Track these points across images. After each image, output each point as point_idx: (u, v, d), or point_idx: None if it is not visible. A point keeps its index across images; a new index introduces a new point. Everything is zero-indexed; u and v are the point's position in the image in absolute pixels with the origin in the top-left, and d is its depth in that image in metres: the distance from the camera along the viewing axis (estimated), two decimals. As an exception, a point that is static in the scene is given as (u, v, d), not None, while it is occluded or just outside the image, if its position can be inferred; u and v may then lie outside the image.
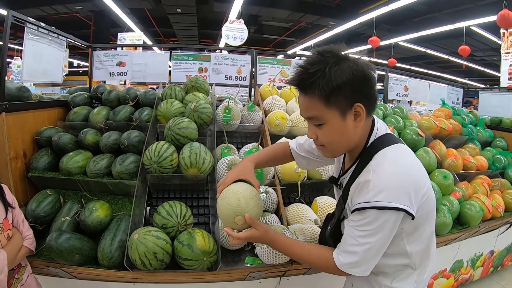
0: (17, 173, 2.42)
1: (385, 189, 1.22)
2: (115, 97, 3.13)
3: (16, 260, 1.74)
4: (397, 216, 1.25)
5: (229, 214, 1.51)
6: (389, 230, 1.28)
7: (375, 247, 1.30)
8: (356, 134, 1.34)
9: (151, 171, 2.35)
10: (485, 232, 3.29)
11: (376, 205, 1.23)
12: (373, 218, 1.26)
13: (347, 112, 1.26)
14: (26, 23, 2.68)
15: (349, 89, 1.21)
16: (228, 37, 8.52)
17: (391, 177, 1.24)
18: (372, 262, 1.35)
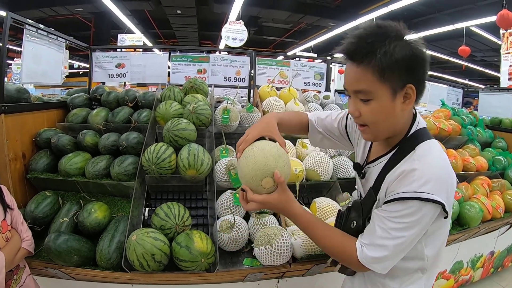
0: (16, 174, 2.42)
1: (431, 181, 1.18)
2: (114, 99, 3.13)
3: (15, 262, 1.74)
4: (435, 211, 1.21)
5: (255, 175, 1.30)
6: (424, 226, 1.23)
7: (406, 242, 1.24)
8: (402, 119, 1.28)
9: (149, 173, 2.35)
10: (485, 233, 3.29)
11: (422, 196, 1.17)
12: (414, 210, 1.19)
13: (398, 92, 1.18)
14: (25, 24, 2.69)
15: (405, 67, 1.15)
16: (228, 39, 8.54)
17: (437, 169, 1.21)
18: (396, 259, 1.29)
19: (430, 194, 1.16)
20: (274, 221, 2.28)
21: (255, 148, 1.33)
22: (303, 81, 4.04)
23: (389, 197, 1.25)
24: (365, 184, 1.46)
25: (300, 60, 4.12)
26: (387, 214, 1.25)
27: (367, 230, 1.33)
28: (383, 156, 1.37)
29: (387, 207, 1.25)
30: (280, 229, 2.04)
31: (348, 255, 1.33)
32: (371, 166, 1.42)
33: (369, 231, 1.31)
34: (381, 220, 1.26)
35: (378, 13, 8.76)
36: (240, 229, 2.14)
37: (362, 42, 1.16)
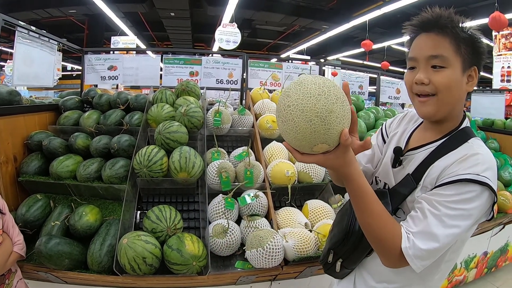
0: (7, 177, 2.41)
1: (491, 169, 1.12)
2: (106, 101, 3.12)
3: (6, 266, 1.73)
4: (489, 203, 1.13)
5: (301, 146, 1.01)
6: (478, 218, 1.14)
7: (458, 235, 1.12)
8: (461, 101, 1.24)
9: (141, 175, 2.35)
10: (478, 233, 3.30)
11: (484, 180, 1.08)
12: (474, 195, 1.09)
13: (466, 70, 1.19)
14: (17, 26, 2.67)
15: (473, 47, 1.18)
16: (221, 41, 8.54)
17: (492, 161, 1.15)
18: (437, 257, 1.15)
19: (490, 181, 1.09)
20: (266, 224, 2.28)
21: (291, 105, 0.95)
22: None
23: (447, 178, 1.14)
24: (399, 172, 1.35)
25: (292, 63, 4.13)
26: (443, 198, 1.12)
27: (413, 218, 1.17)
28: (431, 143, 1.29)
29: (443, 190, 1.14)
30: (272, 232, 2.04)
31: (391, 242, 1.14)
32: (414, 153, 1.32)
33: (417, 218, 1.15)
34: (433, 205, 1.13)
35: (371, 16, 8.79)
36: (233, 234, 2.14)
37: (442, 15, 1.20)
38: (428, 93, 1.21)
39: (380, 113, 3.66)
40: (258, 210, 2.37)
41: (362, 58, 15.93)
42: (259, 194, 2.39)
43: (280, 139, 2.95)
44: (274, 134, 3.00)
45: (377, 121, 3.50)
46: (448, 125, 1.27)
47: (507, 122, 4.63)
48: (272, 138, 2.97)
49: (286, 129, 0.98)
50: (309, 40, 13.94)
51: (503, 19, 6.18)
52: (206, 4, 10.92)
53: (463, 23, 1.18)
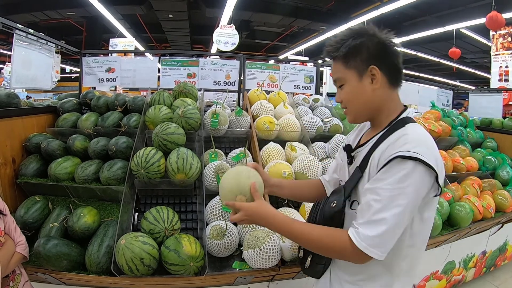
0: (5, 179, 2.42)
1: (422, 145, 1.20)
2: (104, 103, 3.13)
3: (10, 267, 1.72)
4: (430, 177, 1.20)
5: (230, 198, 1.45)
6: (419, 193, 1.20)
7: (404, 213, 1.18)
8: (375, 98, 1.37)
9: (138, 177, 2.36)
10: (476, 233, 3.31)
11: (415, 155, 1.16)
12: (408, 171, 1.17)
13: (364, 74, 1.35)
14: (15, 29, 2.68)
15: (366, 52, 1.33)
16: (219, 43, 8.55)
17: (427, 139, 1.25)
18: (394, 241, 1.22)
19: (422, 156, 1.16)
20: (263, 224, 2.28)
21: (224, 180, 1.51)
22: (293, 85, 4.06)
23: (382, 162, 1.24)
24: (352, 168, 1.45)
25: (289, 64, 4.14)
26: (381, 183, 1.21)
27: (360, 211, 1.27)
28: (372, 138, 1.41)
29: (381, 174, 1.23)
30: (269, 232, 2.05)
31: (343, 248, 1.25)
32: (361, 149, 1.44)
33: (363, 210, 1.25)
34: (375, 192, 1.22)
35: (369, 16, 8.80)
36: (231, 236, 2.15)
37: (333, 43, 1.41)
38: (344, 107, 1.46)
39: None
40: (256, 211, 2.37)
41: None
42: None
43: (278, 140, 2.97)
44: (271, 135, 3.00)
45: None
46: (385, 120, 1.40)
47: (505, 121, 4.64)
48: (269, 139, 2.98)
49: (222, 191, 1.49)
50: (307, 41, 13.96)
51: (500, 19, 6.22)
52: (204, 6, 10.93)
53: (356, 39, 1.34)
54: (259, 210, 1.38)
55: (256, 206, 1.39)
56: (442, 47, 12.80)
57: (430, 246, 2.86)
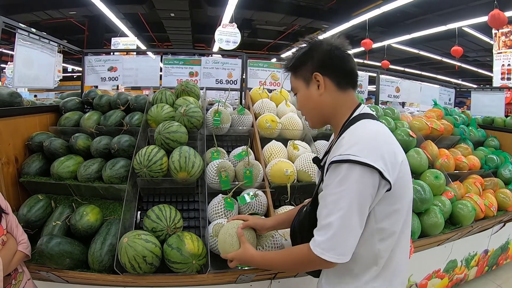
0: (8, 178, 2.43)
1: (358, 144, 1.23)
2: (106, 102, 3.14)
3: (12, 265, 1.73)
4: (372, 176, 1.20)
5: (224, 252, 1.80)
6: (362, 194, 1.21)
7: (350, 216, 1.21)
8: (323, 103, 1.43)
9: (141, 175, 2.37)
10: (478, 231, 3.30)
11: (349, 157, 1.20)
12: (344, 174, 1.21)
13: (310, 82, 1.44)
14: (17, 29, 2.69)
15: (310, 61, 1.43)
16: (221, 41, 8.53)
17: (365, 135, 1.28)
18: (349, 243, 1.24)
19: (356, 156, 1.19)
20: (265, 223, 2.29)
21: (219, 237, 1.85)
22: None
23: (326, 169, 1.31)
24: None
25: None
26: (326, 190, 1.28)
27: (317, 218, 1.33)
28: (331, 144, 1.49)
29: (326, 181, 1.31)
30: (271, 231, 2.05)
31: (301, 255, 1.35)
32: (326, 157, 1.51)
33: (317, 217, 1.32)
34: (323, 198, 1.30)
35: (371, 15, 8.81)
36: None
37: (289, 57, 1.54)
38: (302, 114, 1.58)
39: (379, 112, 3.66)
40: (258, 209, 2.38)
41: (362, 57, 15.92)
42: (258, 193, 2.40)
43: (280, 139, 2.97)
44: (273, 133, 3.00)
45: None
46: (340, 123, 1.44)
47: (507, 120, 4.64)
48: (272, 138, 2.98)
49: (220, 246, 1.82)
50: (309, 40, 13.92)
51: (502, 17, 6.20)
52: (206, 5, 10.95)
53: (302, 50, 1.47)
54: (244, 256, 1.64)
55: (241, 253, 1.66)
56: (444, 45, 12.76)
57: (432, 245, 2.87)
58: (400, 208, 1.32)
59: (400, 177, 1.26)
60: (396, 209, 1.30)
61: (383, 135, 1.30)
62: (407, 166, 1.34)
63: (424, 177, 3.03)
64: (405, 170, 1.31)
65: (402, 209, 1.33)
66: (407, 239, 1.41)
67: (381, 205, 1.28)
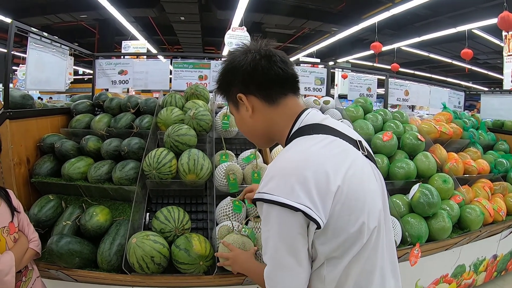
0: (20, 178, 2.48)
1: (274, 178, 1.04)
2: (116, 105, 3.18)
3: (23, 262, 1.77)
4: (294, 216, 1.00)
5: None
6: (291, 234, 1.03)
7: (280, 256, 1.05)
8: (256, 124, 1.26)
9: (150, 177, 2.39)
10: (487, 236, 3.27)
11: (264, 197, 1.03)
12: (265, 215, 1.05)
13: (238, 104, 1.26)
14: (29, 33, 2.74)
15: (230, 83, 1.25)
16: (231, 45, 8.55)
17: (285, 164, 1.07)
18: (288, 282, 1.07)
19: (270, 194, 1.02)
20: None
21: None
22: (304, 86, 4.07)
23: None
24: None
25: (300, 66, 4.15)
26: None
27: None
28: None
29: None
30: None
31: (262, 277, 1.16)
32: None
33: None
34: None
35: (380, 18, 8.78)
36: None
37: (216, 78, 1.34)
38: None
39: (388, 115, 3.65)
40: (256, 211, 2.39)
41: (372, 60, 15.85)
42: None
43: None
44: (281, 136, 3.01)
45: (385, 124, 3.49)
46: (282, 140, 1.26)
47: (517, 123, 4.60)
48: (280, 141, 2.98)
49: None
50: (318, 43, 13.93)
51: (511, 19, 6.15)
52: (215, 8, 10.98)
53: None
54: (238, 258, 1.72)
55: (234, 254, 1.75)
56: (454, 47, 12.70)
57: (440, 249, 2.85)
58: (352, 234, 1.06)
59: (341, 204, 1.02)
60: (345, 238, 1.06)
61: (311, 158, 1.06)
62: (357, 177, 1.08)
63: (432, 181, 3.01)
64: (352, 188, 1.05)
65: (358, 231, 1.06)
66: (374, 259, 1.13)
67: (321, 239, 1.06)
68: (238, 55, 1.22)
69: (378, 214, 1.11)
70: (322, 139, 1.12)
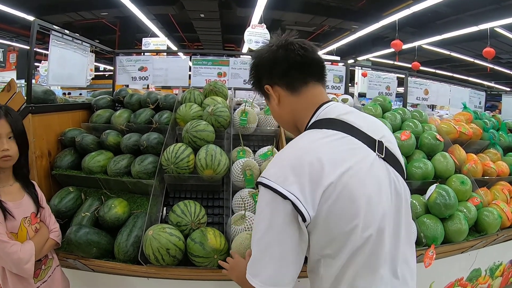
0: (42, 170, 2.55)
1: (275, 166, 1.11)
2: (136, 101, 3.23)
3: (43, 252, 1.83)
4: (282, 204, 1.03)
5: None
6: (276, 220, 1.05)
7: (266, 239, 1.07)
8: (283, 113, 1.33)
9: (168, 172, 2.43)
10: (504, 240, 3.20)
11: (261, 181, 1.08)
12: (261, 197, 1.10)
13: (268, 96, 1.34)
14: (51, 30, 2.80)
15: (256, 78, 1.36)
16: (250, 42, 8.55)
17: (286, 153, 1.14)
18: (269, 271, 1.07)
19: (266, 179, 1.07)
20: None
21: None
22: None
23: None
24: None
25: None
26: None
27: None
28: None
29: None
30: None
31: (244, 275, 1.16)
32: None
33: None
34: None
35: (401, 15, 8.68)
36: (251, 220, 2.20)
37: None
38: None
39: (407, 114, 3.60)
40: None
41: (392, 59, 15.68)
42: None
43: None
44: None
45: (403, 123, 3.45)
46: (302, 130, 1.29)
47: (539, 125, 4.50)
48: (297, 138, 2.98)
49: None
50: (339, 41, 13.86)
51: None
52: (235, 5, 11.01)
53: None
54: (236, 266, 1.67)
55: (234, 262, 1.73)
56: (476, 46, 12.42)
57: (455, 252, 2.81)
58: (343, 234, 1.06)
59: (332, 201, 1.03)
60: (335, 236, 1.07)
61: (312, 149, 1.09)
62: (358, 179, 1.07)
63: (450, 182, 2.96)
64: (347, 188, 1.04)
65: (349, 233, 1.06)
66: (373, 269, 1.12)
67: (313, 233, 1.09)
68: (262, 51, 1.32)
69: (378, 221, 1.09)
70: (331, 135, 1.14)
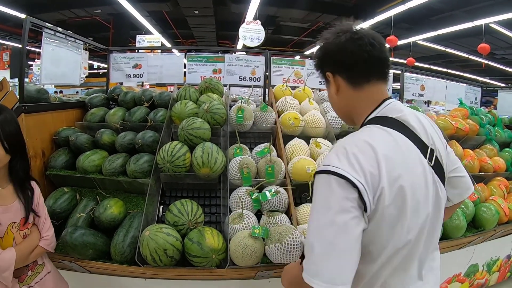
0: (35, 171, 2.50)
1: (337, 152, 1.08)
2: (131, 99, 3.20)
3: (29, 259, 1.77)
4: (344, 187, 1.01)
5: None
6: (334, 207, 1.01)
7: (323, 229, 1.01)
8: (340, 102, 1.33)
9: (164, 170, 2.40)
10: (501, 236, 3.22)
11: (322, 168, 1.06)
12: (319, 185, 1.07)
13: (328, 81, 1.32)
14: (44, 28, 2.76)
15: (319, 62, 1.34)
16: (245, 38, 8.53)
17: (347, 142, 1.12)
18: (332, 263, 0.99)
19: (330, 165, 1.04)
20: (285, 220, 2.30)
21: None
22: (318, 80, 4.02)
23: None
24: None
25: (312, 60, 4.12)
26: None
27: None
28: None
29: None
30: (291, 228, 2.06)
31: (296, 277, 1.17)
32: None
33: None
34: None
35: (396, 11, 8.66)
36: (248, 219, 2.19)
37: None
38: None
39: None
40: (279, 206, 2.38)
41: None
42: (280, 190, 2.40)
43: (302, 136, 2.97)
44: (296, 131, 3.00)
45: (400, 118, 3.45)
46: (359, 123, 1.29)
47: (535, 120, 4.51)
48: (294, 135, 2.98)
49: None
50: (334, 37, 13.80)
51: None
52: (229, 2, 10.96)
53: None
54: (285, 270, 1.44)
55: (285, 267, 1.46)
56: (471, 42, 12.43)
57: (453, 248, 2.82)
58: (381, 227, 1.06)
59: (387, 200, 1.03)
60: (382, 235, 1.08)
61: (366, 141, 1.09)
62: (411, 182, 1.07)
63: (447, 178, 2.96)
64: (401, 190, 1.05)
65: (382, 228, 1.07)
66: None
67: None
68: (330, 35, 1.27)
69: (420, 225, 1.12)
70: (393, 136, 1.14)
